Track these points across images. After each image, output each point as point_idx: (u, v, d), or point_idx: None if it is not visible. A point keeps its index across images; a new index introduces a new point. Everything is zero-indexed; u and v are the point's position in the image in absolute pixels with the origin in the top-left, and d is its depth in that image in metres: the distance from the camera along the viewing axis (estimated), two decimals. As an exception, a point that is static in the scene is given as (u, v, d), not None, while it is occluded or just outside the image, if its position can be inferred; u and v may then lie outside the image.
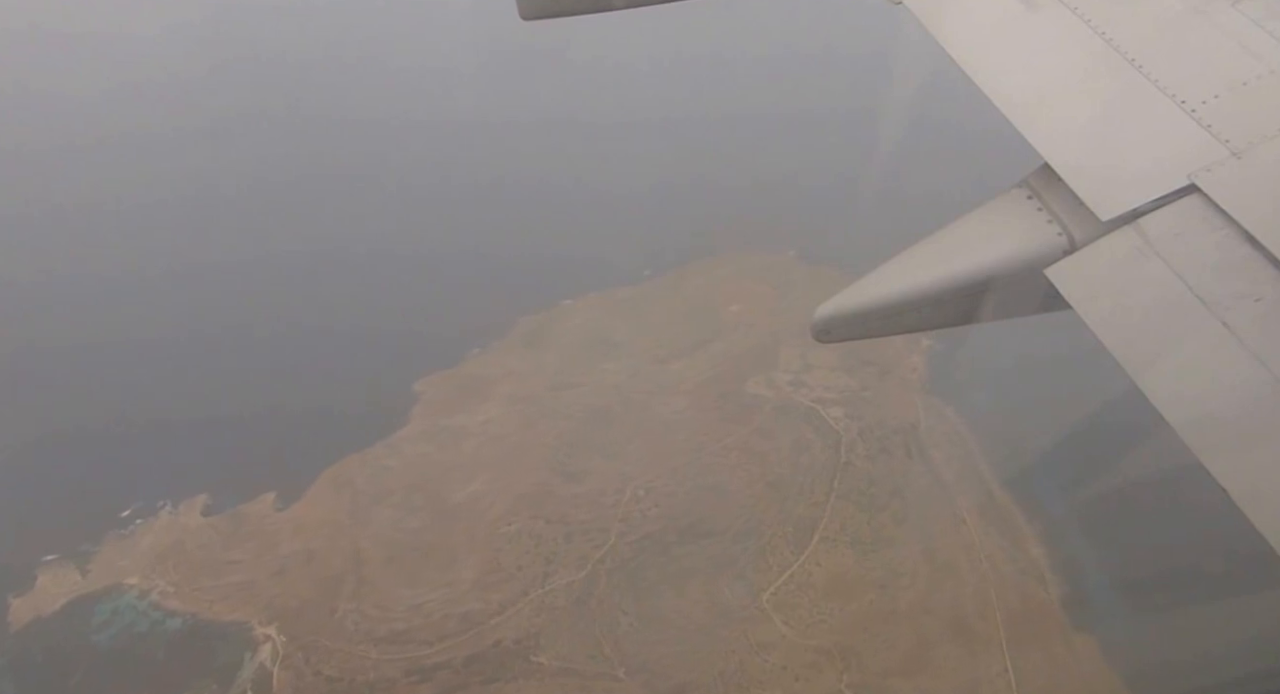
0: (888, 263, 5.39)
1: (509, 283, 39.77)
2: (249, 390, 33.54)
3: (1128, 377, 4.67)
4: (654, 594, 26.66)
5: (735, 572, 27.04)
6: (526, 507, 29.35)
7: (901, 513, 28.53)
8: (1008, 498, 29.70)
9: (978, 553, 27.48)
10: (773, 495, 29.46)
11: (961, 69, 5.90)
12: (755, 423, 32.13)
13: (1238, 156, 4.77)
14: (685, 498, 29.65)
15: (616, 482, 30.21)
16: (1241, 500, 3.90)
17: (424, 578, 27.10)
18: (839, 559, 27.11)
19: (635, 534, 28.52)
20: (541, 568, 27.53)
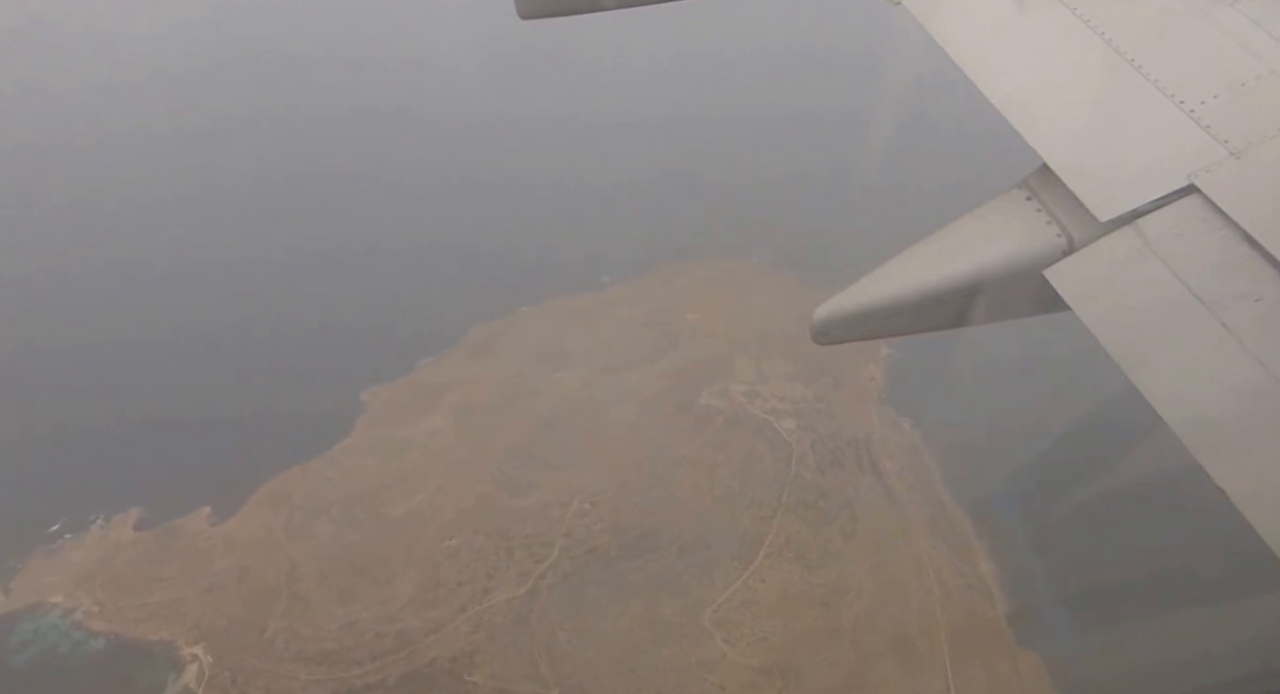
0: (886, 263, 5.33)
1: (468, 288, 39.26)
2: (192, 399, 32.81)
3: (1086, 386, 4.55)
4: (595, 611, 26.07)
5: (678, 588, 26.48)
6: (469, 520, 28.72)
7: (850, 527, 28.05)
8: (960, 511, 29.31)
9: (925, 568, 27.03)
10: (721, 509, 28.93)
11: (960, 69, 5.86)
12: (707, 434, 31.61)
13: (1237, 157, 4.74)
14: (632, 511, 29.10)
15: (563, 494, 29.62)
16: (1240, 502, 3.85)
17: (359, 595, 26.43)
18: (784, 575, 26.59)
19: (579, 549, 27.93)
20: (482, 584, 26.90)
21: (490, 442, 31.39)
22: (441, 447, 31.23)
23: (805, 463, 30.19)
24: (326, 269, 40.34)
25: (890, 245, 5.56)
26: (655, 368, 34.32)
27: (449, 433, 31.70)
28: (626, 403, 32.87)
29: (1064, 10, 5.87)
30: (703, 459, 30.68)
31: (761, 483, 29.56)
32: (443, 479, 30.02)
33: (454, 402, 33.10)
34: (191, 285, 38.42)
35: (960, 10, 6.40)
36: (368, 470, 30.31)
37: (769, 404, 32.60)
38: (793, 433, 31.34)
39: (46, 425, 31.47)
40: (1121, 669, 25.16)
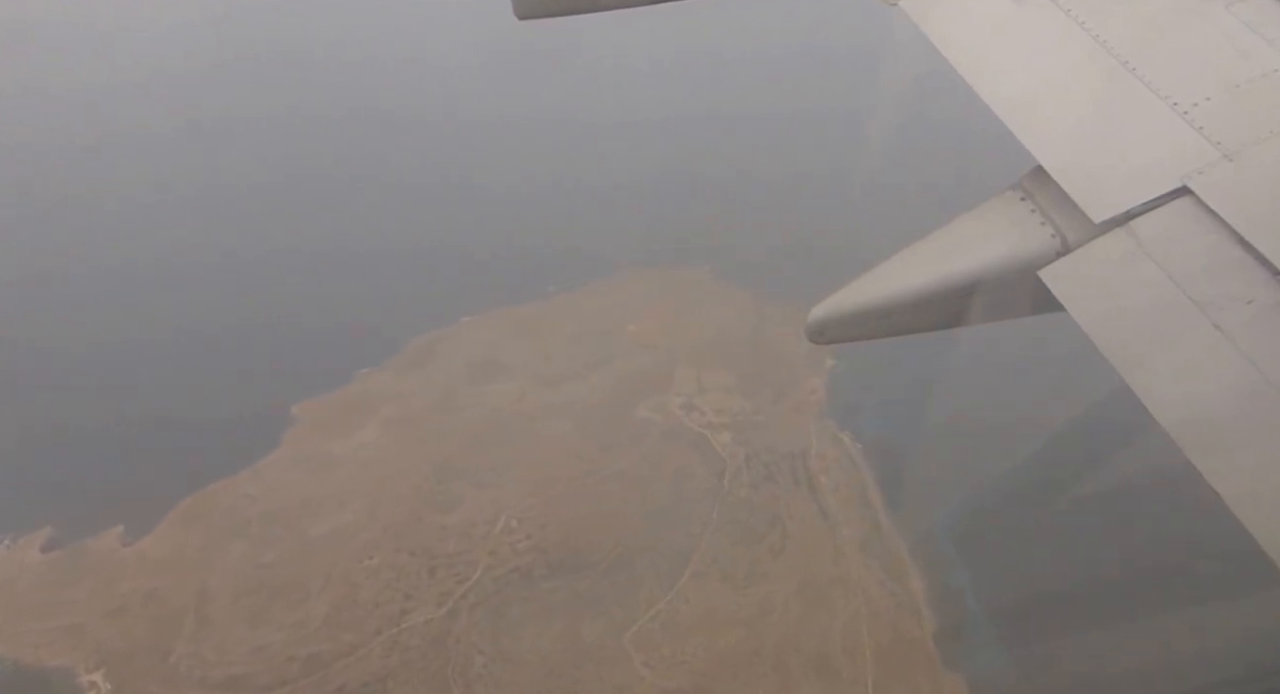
0: (882, 264, 5.35)
1: (414, 295, 38.48)
2: (113, 410, 31.85)
3: (1032, 398, 4.38)
4: (514, 633, 25.39)
5: (600, 609, 25.84)
6: (392, 539, 28.00)
7: (779, 545, 27.49)
8: (894, 527, 28.80)
9: (854, 587, 26.49)
10: (649, 526, 28.32)
11: (956, 71, 5.87)
12: (640, 449, 31.01)
13: (1230, 159, 4.76)
14: (559, 529, 28.45)
15: (490, 511, 28.93)
16: (1233, 503, 3.85)
17: (271, 617, 25.65)
18: (708, 595, 25.99)
19: (503, 568, 27.25)
20: (400, 604, 26.18)
21: (419, 456, 30.68)
22: (369, 461, 30.50)
23: (738, 478, 29.63)
24: (273, 274, 39.60)
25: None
26: (592, 380, 33.71)
27: (378, 447, 30.97)
28: (560, 416, 32.24)
29: (1058, 12, 5.87)
30: (635, 474, 30.09)
31: (692, 499, 28.99)
32: (368, 495, 29.29)
33: (386, 415, 32.36)
34: (118, 289, 37.60)
35: (956, 12, 6.41)
36: (291, 486, 29.54)
37: (706, 417, 32.04)
38: (728, 447, 30.79)
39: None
40: (1051, 688, 24.82)
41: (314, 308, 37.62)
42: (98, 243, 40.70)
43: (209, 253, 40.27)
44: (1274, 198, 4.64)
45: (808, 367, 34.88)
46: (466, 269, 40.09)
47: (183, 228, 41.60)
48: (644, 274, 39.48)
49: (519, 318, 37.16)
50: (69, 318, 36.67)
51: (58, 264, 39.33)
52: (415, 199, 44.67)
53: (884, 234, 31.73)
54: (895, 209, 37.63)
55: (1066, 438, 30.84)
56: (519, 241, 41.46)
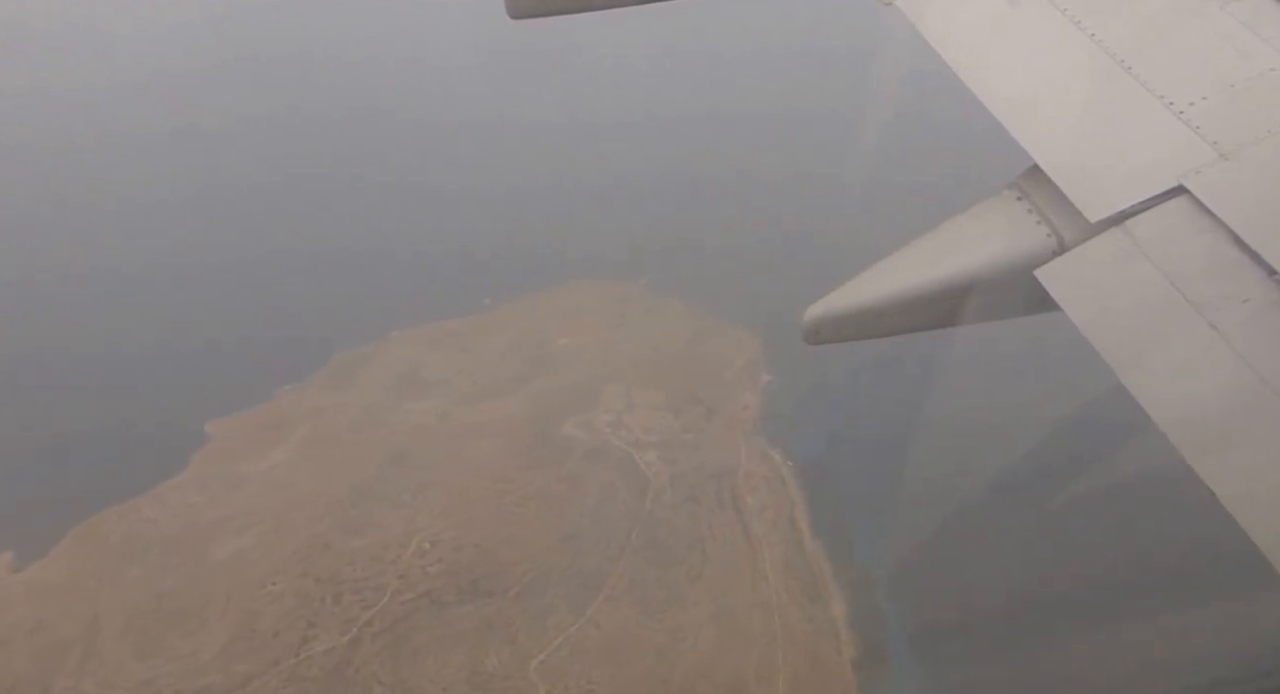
0: (879, 264, 5.32)
1: (343, 309, 37.49)
2: (5, 423, 30.73)
3: (969, 415, 6.90)
4: (416, 662, 24.39)
5: (508, 635, 24.93)
6: (297, 564, 26.96)
7: (698, 568, 26.69)
8: (819, 549, 28.11)
9: (773, 611, 25.72)
10: (566, 549, 27.46)
11: (952, 70, 5.84)
12: (563, 468, 30.17)
13: (1226, 158, 4.77)
14: (473, 551, 27.52)
15: (402, 534, 27.96)
16: (1229, 502, 3.85)
17: (163, 647, 24.52)
18: (620, 621, 25.14)
19: (411, 592, 26.28)
20: (301, 633, 25.14)
21: (334, 477, 29.67)
22: (280, 482, 29.46)
23: (661, 499, 28.84)
24: (202, 284, 38.39)
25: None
26: (517, 397, 32.85)
27: (290, 468, 29.93)
28: (482, 434, 31.34)
29: (1054, 12, 5.86)
30: (555, 494, 29.24)
31: (612, 520, 28.16)
32: (276, 518, 28.24)
33: (303, 433, 31.33)
34: (22, 297, 36.40)
35: (952, 11, 6.42)
36: (196, 509, 28.44)
37: (633, 435, 31.25)
38: (652, 466, 30.00)
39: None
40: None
41: (241, 320, 36.55)
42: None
43: (130, 261, 39.22)
44: (1270, 197, 4.63)
45: (743, 382, 34.22)
46: (402, 280, 39.17)
47: (98, 234, 40.67)
48: (582, 286, 38.75)
49: (450, 332, 36.27)
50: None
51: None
52: (357, 205, 43.72)
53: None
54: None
55: (1017, 449, 30.21)
56: (460, 251, 40.64)
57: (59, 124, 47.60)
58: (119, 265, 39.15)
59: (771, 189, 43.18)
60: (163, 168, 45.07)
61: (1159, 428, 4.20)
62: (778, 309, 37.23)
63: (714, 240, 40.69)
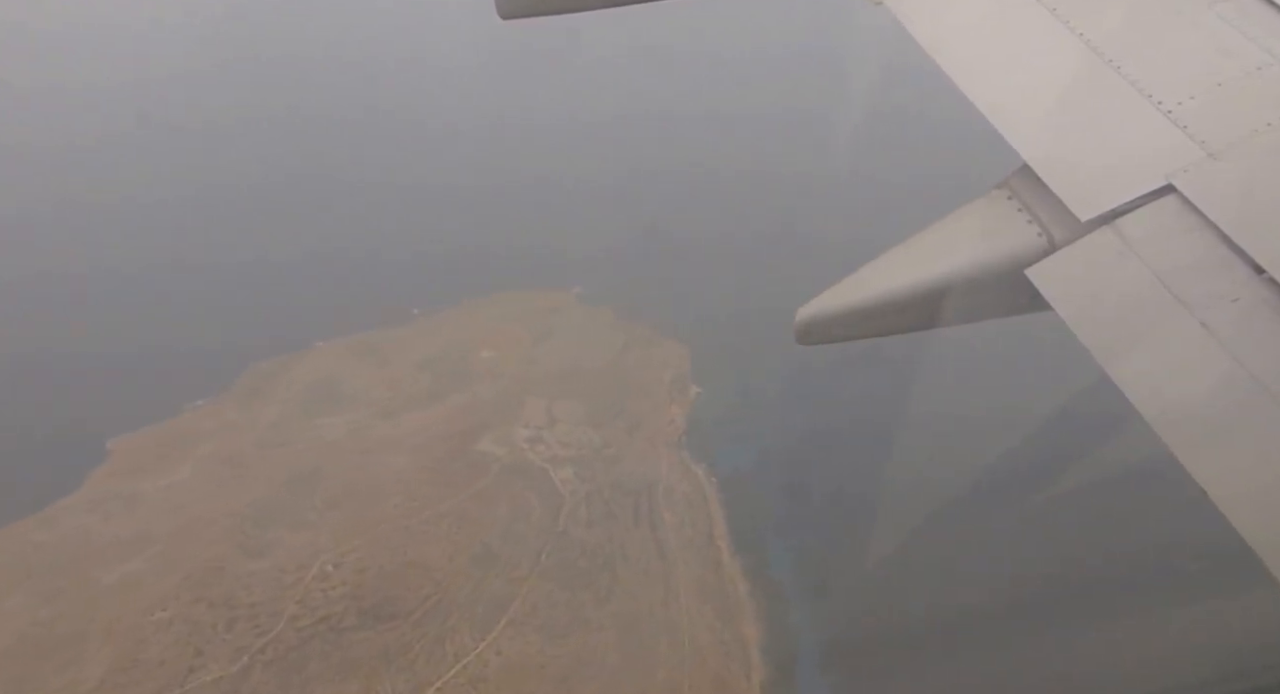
0: (869, 264, 5.31)
1: (264, 319, 36.39)
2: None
3: (898, 429, 6.85)
4: (308, 691, 23.41)
5: (405, 662, 23.93)
6: (190, 588, 25.77)
7: (607, 590, 25.90)
8: (736, 568, 27.45)
9: (682, 634, 24.99)
10: (474, 570, 26.55)
11: (941, 70, 5.85)
12: (477, 485, 29.26)
13: (1214, 157, 4.81)
14: (378, 573, 26.52)
15: (304, 555, 26.88)
16: (1220, 501, 3.86)
17: (39, 679, 23.22)
18: (523, 646, 24.27)
19: (309, 617, 25.21)
20: (188, 661, 23.96)
21: (235, 496, 28.50)
22: (178, 502, 28.25)
23: (575, 517, 28.04)
24: (118, 293, 37.24)
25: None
26: (435, 411, 31.91)
27: (190, 487, 28.73)
28: (395, 450, 30.34)
29: (1043, 11, 5.88)
30: (467, 513, 28.32)
31: (523, 540, 27.30)
32: (171, 540, 27.04)
33: (207, 450, 30.14)
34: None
35: (941, 11, 6.42)
36: (86, 531, 27.15)
37: (551, 451, 30.43)
38: (569, 483, 29.19)
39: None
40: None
41: (156, 330, 35.24)
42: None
43: (40, 267, 37.79)
44: (1258, 196, 4.66)
45: (670, 395, 33.54)
46: (331, 288, 38.06)
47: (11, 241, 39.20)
48: (514, 296, 37.87)
49: (373, 343, 35.25)
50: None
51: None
52: (291, 210, 42.68)
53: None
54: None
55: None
56: (393, 258, 39.69)
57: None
58: (27, 271, 37.80)
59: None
60: (76, 174, 43.69)
61: (1150, 426, 4.21)
62: (714, 320, 36.84)
63: (660, 247, 40.04)
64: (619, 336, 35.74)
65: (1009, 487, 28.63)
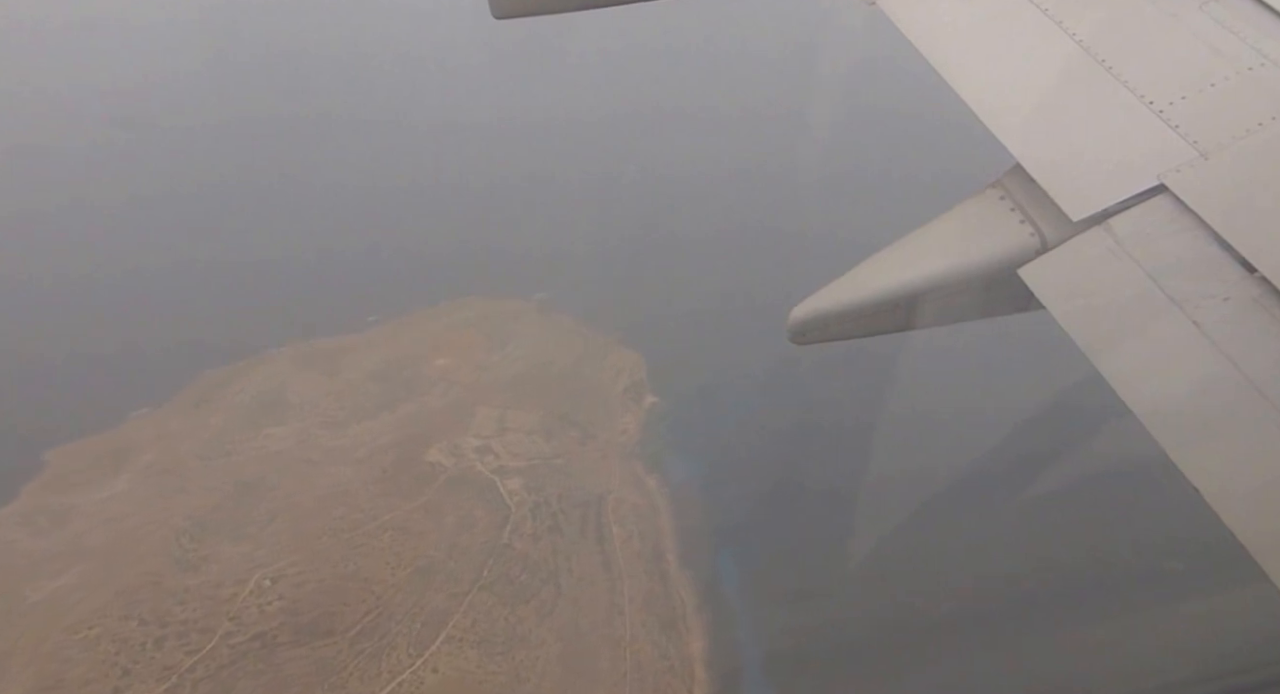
0: (862, 264, 5.33)
1: (217, 326, 35.55)
2: None
3: (850, 442, 5.96)
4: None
5: (339, 681, 23.32)
6: (121, 605, 25.10)
7: (550, 605, 25.39)
8: (685, 581, 26.97)
9: (625, 650, 24.52)
10: (415, 584, 25.97)
11: (935, 70, 5.87)
12: (423, 497, 28.70)
13: (1205, 157, 4.82)
14: (317, 588, 25.91)
15: (242, 570, 26.26)
16: (1212, 499, 3.88)
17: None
18: (460, 662, 23.71)
19: (244, 634, 24.59)
20: (114, 682, 23.25)
21: (174, 509, 27.84)
22: (114, 515, 27.57)
23: (520, 529, 27.52)
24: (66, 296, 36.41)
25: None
26: (385, 420, 31.32)
27: (127, 499, 28.05)
28: (341, 461, 29.73)
29: (1036, 12, 5.92)
30: (411, 526, 27.75)
31: (466, 553, 26.74)
32: (103, 555, 26.34)
33: (147, 461, 29.46)
34: None
35: (934, 11, 6.42)
36: (15, 546, 26.44)
37: (500, 461, 29.89)
38: (516, 494, 28.67)
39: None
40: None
41: (102, 336, 34.47)
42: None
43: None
44: (1248, 195, 4.68)
45: (624, 404, 33.06)
46: (287, 293, 37.36)
47: None
48: (474, 302, 37.32)
49: (326, 350, 34.62)
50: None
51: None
52: (250, 214, 41.97)
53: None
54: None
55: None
56: (353, 263, 39.04)
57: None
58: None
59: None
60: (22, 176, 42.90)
61: (1142, 424, 4.23)
62: (674, 328, 36.43)
63: (630, 252, 39.51)
64: (577, 345, 35.26)
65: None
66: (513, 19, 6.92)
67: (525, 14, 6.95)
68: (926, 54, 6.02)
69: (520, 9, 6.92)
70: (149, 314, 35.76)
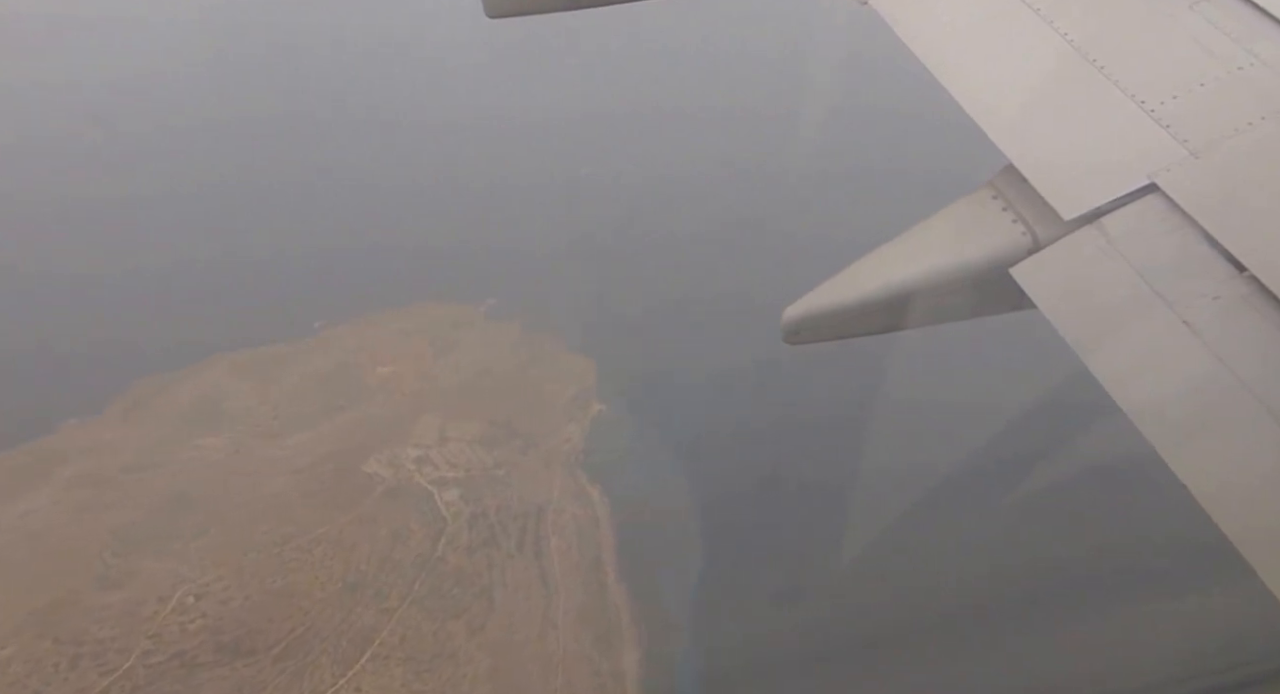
0: (856, 263, 5.34)
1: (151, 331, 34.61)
2: None
3: (801, 451, 6.13)
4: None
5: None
6: (36, 624, 24.28)
7: (481, 620, 24.80)
8: (622, 594, 26.48)
9: (556, 665, 24.01)
10: (344, 600, 25.32)
11: (927, 70, 5.87)
12: (358, 510, 28.04)
13: (1196, 156, 4.84)
14: (243, 605, 25.22)
15: (166, 586, 25.49)
16: (1203, 499, 3.89)
17: None
18: (385, 680, 23.10)
19: (163, 654, 23.84)
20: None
21: (97, 523, 27.02)
22: (32, 531, 26.72)
23: (455, 542, 26.92)
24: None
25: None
26: (323, 430, 30.60)
27: (49, 513, 27.19)
28: (276, 473, 29.02)
29: (1028, 11, 5.93)
30: (344, 539, 27.09)
31: (398, 567, 26.12)
32: (19, 572, 25.50)
33: (72, 473, 28.58)
34: None
35: (927, 11, 6.43)
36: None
37: (439, 472, 29.27)
38: (453, 505, 28.07)
39: None
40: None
41: (35, 341, 33.53)
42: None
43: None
44: (1239, 195, 4.70)
45: (570, 412, 32.50)
46: (231, 297, 36.34)
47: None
48: (423, 309, 36.55)
49: (267, 357, 33.77)
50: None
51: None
52: (194, 215, 40.68)
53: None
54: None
55: (843, 485, 29.08)
56: (300, 267, 38.12)
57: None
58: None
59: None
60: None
61: (1133, 423, 4.23)
62: (627, 334, 35.93)
63: (589, 256, 38.80)
64: (524, 350, 34.69)
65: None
66: (507, 18, 6.97)
67: (519, 13, 7.00)
68: (919, 53, 6.05)
69: (514, 8, 6.98)
70: (83, 319, 34.77)
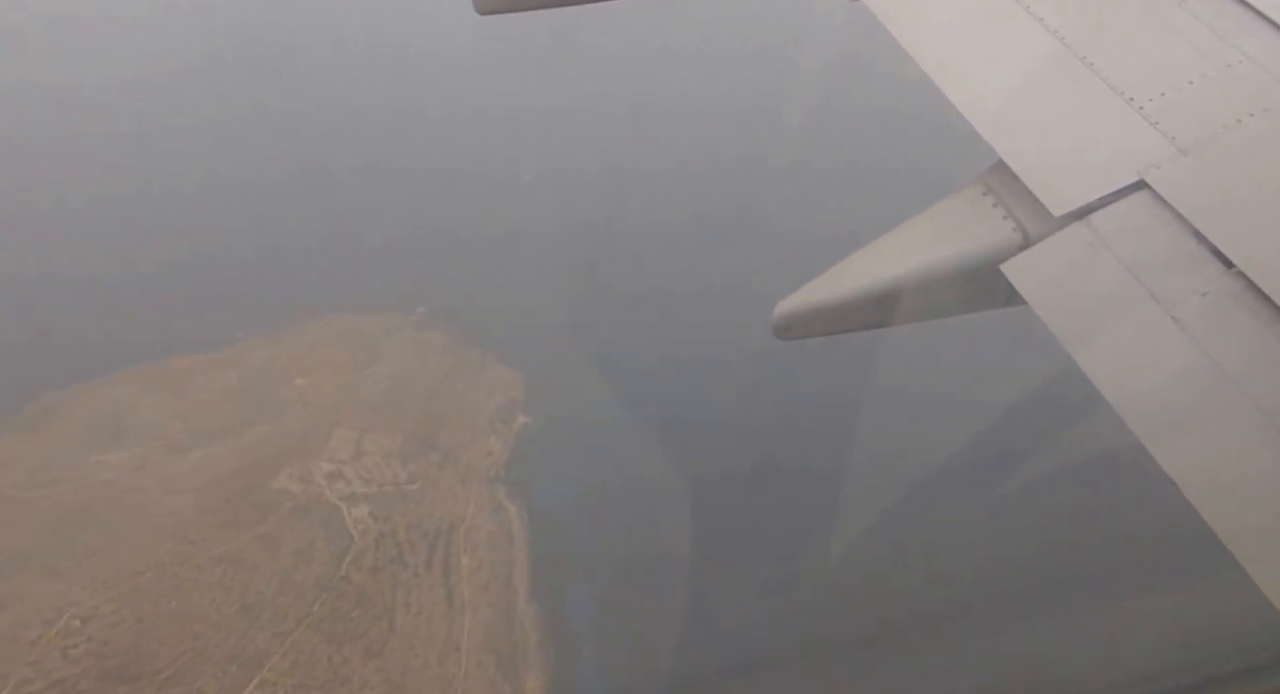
0: (847, 259, 5.36)
1: (56, 344, 33.40)
2: None
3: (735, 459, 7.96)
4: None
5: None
6: (-92, 649, 23.36)
7: (381, 642, 24.07)
8: (533, 614, 25.87)
9: (455, 688, 23.31)
10: (239, 622, 24.47)
11: (919, 67, 5.90)
12: (263, 527, 27.16)
13: (1185, 153, 4.88)
14: (132, 628, 24.27)
15: (52, 609, 24.47)
16: (1190, 493, 3.93)
17: None
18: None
19: (41, 682, 22.84)
20: (-111, 736, 21.60)
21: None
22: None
23: (360, 561, 26.15)
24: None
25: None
26: (232, 445, 29.66)
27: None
28: (180, 489, 28.05)
29: (1018, 9, 5.97)
30: (246, 558, 26.22)
31: (299, 588, 25.30)
32: (-105, 594, 24.53)
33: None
34: None
35: (918, 8, 6.43)
36: None
37: (350, 487, 28.48)
38: (362, 523, 27.30)
39: None
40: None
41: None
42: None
43: None
44: (1226, 191, 4.74)
45: (493, 425, 31.81)
46: (145, 306, 35.07)
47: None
48: (349, 318, 35.69)
49: (177, 370, 32.71)
50: None
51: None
52: (120, 220, 39.51)
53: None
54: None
55: (775, 501, 28.72)
56: (224, 275, 37.09)
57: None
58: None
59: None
60: None
61: (1121, 417, 4.26)
62: (556, 345, 35.33)
63: (524, 263, 38.22)
64: (448, 361, 33.97)
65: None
66: (496, 14, 6.97)
67: (508, 10, 7.03)
68: (910, 51, 6.05)
69: (503, 5, 7.00)
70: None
